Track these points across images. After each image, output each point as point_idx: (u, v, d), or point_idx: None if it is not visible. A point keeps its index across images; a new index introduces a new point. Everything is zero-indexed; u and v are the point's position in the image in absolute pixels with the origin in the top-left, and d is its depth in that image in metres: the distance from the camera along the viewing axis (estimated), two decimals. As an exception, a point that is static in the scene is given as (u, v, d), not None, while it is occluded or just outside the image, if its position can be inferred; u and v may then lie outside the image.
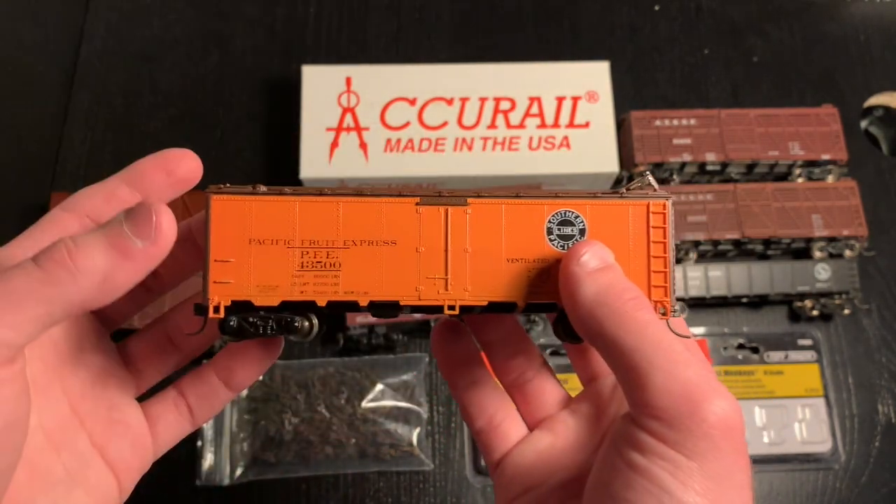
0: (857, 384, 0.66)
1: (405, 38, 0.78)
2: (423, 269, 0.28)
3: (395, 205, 0.28)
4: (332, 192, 0.28)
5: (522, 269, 0.28)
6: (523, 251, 0.28)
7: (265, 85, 0.76)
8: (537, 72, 0.70)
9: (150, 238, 0.26)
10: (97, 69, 0.76)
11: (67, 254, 0.25)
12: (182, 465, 0.62)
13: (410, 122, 0.68)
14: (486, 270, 0.28)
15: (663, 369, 0.24)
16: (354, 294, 0.28)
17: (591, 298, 0.26)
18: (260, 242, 0.28)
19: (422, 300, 0.28)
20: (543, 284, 0.28)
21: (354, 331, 0.63)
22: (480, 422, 0.34)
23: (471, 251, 0.28)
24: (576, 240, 0.28)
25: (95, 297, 0.25)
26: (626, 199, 0.28)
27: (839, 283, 0.66)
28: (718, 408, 0.24)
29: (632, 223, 0.28)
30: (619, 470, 0.25)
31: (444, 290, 0.28)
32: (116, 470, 0.30)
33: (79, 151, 0.72)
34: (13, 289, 0.24)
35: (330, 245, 0.28)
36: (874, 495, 0.63)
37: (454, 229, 0.28)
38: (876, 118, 0.78)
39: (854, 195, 0.68)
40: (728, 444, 0.24)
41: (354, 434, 0.62)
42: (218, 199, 0.28)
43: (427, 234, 0.28)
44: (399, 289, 0.28)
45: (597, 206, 0.28)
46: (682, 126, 0.70)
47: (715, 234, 0.67)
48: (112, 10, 0.78)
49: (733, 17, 0.80)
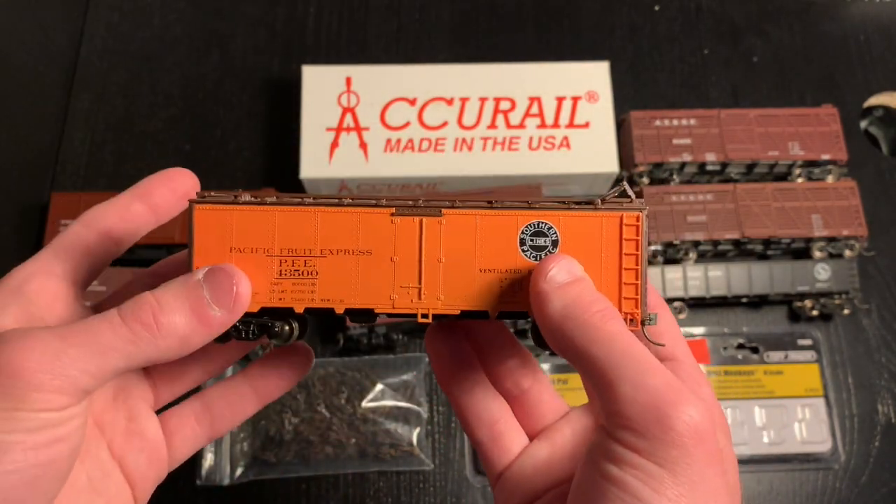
0: (856, 384, 0.66)
1: (405, 38, 0.78)
2: (397, 278, 0.29)
3: (370, 215, 0.29)
4: (311, 203, 0.29)
5: (495, 279, 0.29)
6: (496, 262, 0.29)
7: (265, 85, 0.76)
8: (537, 72, 0.70)
9: (229, 307, 0.27)
10: (97, 69, 0.76)
11: (153, 315, 0.26)
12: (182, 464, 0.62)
13: (410, 122, 0.68)
14: (459, 280, 0.29)
15: (630, 379, 0.24)
16: (331, 301, 0.29)
17: (560, 312, 0.26)
18: (240, 251, 0.29)
19: (396, 308, 0.29)
20: (516, 294, 0.29)
21: (354, 331, 0.63)
22: (480, 433, 0.34)
23: (444, 261, 0.29)
24: (548, 251, 0.29)
25: (171, 356, 0.27)
26: (600, 210, 0.29)
27: (839, 283, 0.66)
28: (686, 415, 0.24)
29: (604, 235, 0.29)
30: (594, 481, 0.25)
31: (418, 298, 0.29)
32: (133, 481, 0.31)
33: (79, 151, 0.72)
34: (99, 339, 0.25)
35: (307, 254, 0.29)
36: (874, 495, 0.63)
37: (428, 239, 0.29)
38: (876, 118, 0.78)
39: (854, 195, 0.69)
40: (699, 451, 0.24)
41: (354, 434, 0.62)
42: (200, 209, 0.29)
43: (401, 244, 0.29)
44: (373, 297, 0.29)
45: (570, 217, 0.29)
46: (681, 126, 0.70)
47: (715, 234, 0.67)
48: (112, 10, 0.78)
49: (733, 17, 0.80)
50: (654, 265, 0.67)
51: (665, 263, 0.67)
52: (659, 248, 0.67)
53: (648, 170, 0.70)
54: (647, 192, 0.68)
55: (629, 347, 0.25)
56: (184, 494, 0.61)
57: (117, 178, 0.71)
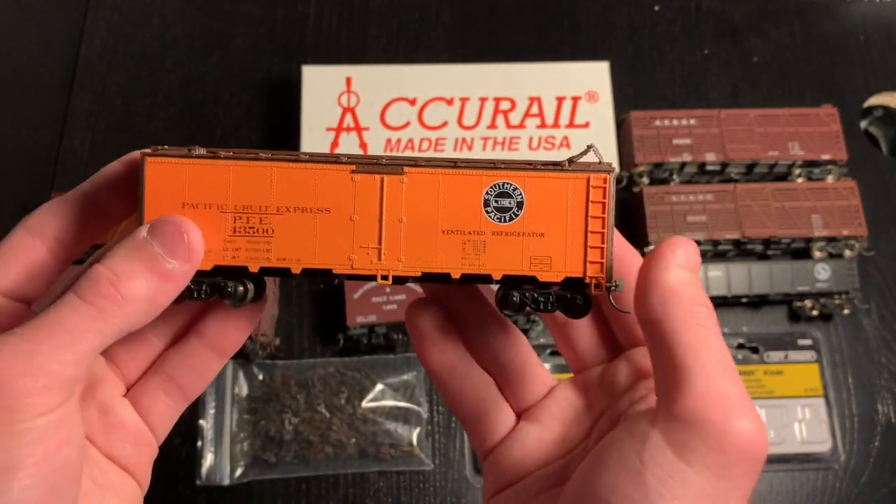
0: (856, 384, 0.66)
1: (405, 38, 0.78)
2: (356, 238, 0.28)
3: (330, 172, 0.28)
4: (268, 158, 0.28)
5: (458, 241, 0.28)
6: (460, 222, 0.28)
7: (265, 85, 0.76)
8: (537, 72, 0.70)
9: (184, 256, 0.27)
10: (97, 69, 0.76)
11: (111, 285, 0.25)
12: (182, 464, 0.62)
13: (410, 122, 0.68)
14: (421, 241, 0.28)
15: (708, 376, 0.24)
16: (287, 261, 0.28)
17: (672, 286, 0.26)
18: (193, 206, 0.28)
19: (354, 269, 0.28)
20: (479, 257, 0.28)
21: (354, 331, 0.63)
22: (465, 411, 0.33)
23: (406, 221, 0.28)
24: (513, 213, 0.28)
25: (142, 320, 0.26)
26: (567, 172, 0.28)
27: (839, 283, 0.66)
28: (745, 428, 0.24)
29: (571, 197, 0.28)
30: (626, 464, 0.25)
31: (378, 259, 0.28)
32: (129, 468, 0.31)
33: (79, 151, 0.72)
34: (67, 325, 0.25)
35: (263, 211, 0.28)
36: (874, 495, 0.63)
37: (389, 199, 0.28)
38: (876, 118, 0.78)
39: (854, 195, 0.69)
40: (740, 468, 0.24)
41: (354, 434, 0.62)
42: (152, 162, 0.28)
43: (361, 203, 0.28)
44: (332, 257, 0.28)
45: (536, 178, 0.28)
46: (681, 126, 0.70)
47: (715, 235, 0.67)
48: (112, 10, 0.78)
49: (733, 17, 0.80)
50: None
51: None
52: (659, 248, 0.67)
53: (648, 170, 0.70)
54: (647, 192, 0.68)
55: (718, 347, 0.25)
56: (184, 494, 0.61)
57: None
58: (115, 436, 0.30)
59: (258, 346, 0.63)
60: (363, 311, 0.63)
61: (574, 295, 0.28)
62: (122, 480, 0.30)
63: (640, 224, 0.68)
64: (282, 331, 0.66)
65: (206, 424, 0.62)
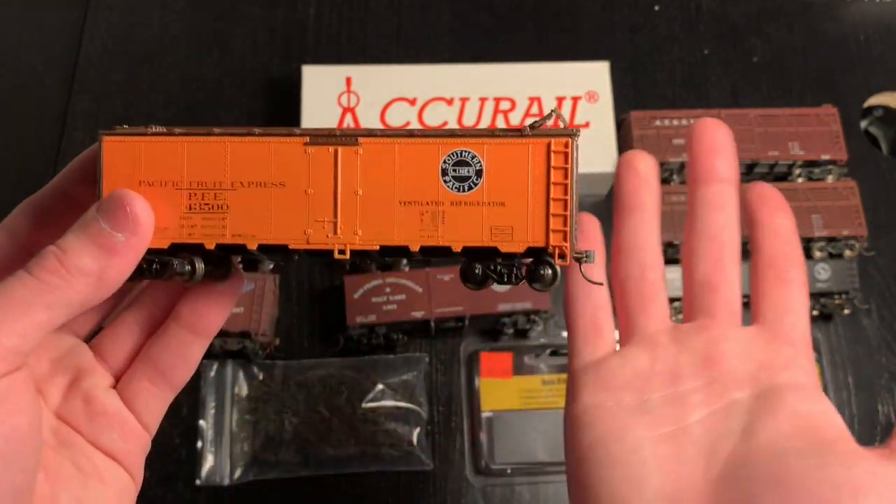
0: (856, 384, 0.66)
1: (405, 38, 0.78)
2: (311, 212, 0.28)
3: (283, 144, 0.28)
4: (221, 132, 0.28)
5: (416, 212, 0.27)
6: (417, 193, 0.27)
7: (265, 85, 0.76)
8: (537, 72, 0.70)
9: (130, 229, 0.26)
10: (97, 69, 0.76)
11: (58, 261, 0.26)
12: (182, 465, 0.62)
13: (410, 123, 0.68)
14: (377, 213, 0.27)
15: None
16: (242, 237, 0.28)
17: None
18: (149, 184, 0.28)
19: (310, 244, 0.28)
20: (437, 228, 0.27)
21: (354, 331, 0.63)
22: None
23: (362, 193, 0.27)
24: (472, 182, 0.27)
25: (94, 295, 0.26)
26: (527, 137, 0.27)
27: (839, 284, 0.66)
28: None
29: (532, 163, 0.27)
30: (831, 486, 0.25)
31: (333, 233, 0.27)
32: (118, 459, 0.31)
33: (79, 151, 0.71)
34: (14, 298, 0.25)
35: (217, 187, 0.28)
36: (874, 495, 0.63)
37: (344, 170, 0.27)
38: (876, 118, 0.78)
39: (854, 195, 0.69)
40: None
41: (354, 434, 0.62)
42: (109, 141, 0.28)
43: (316, 176, 0.27)
44: (287, 232, 0.28)
45: (495, 144, 0.27)
46: (682, 126, 0.70)
47: (715, 234, 0.67)
48: (112, 10, 0.78)
49: (733, 17, 0.80)
50: (654, 265, 0.67)
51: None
52: (659, 248, 0.67)
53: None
54: (647, 192, 0.68)
55: None
56: (184, 494, 0.61)
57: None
58: (99, 424, 0.30)
59: (258, 346, 0.63)
60: (363, 311, 0.63)
61: (541, 265, 0.27)
62: (110, 469, 0.30)
63: (640, 224, 0.68)
64: (282, 331, 0.66)
65: (206, 424, 0.62)
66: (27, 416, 0.25)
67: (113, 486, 0.30)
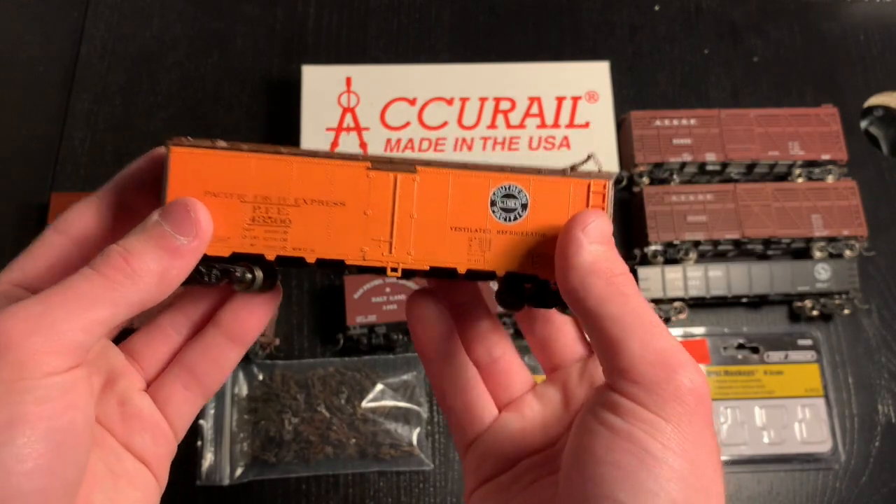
0: (856, 384, 0.66)
1: (405, 38, 0.78)
2: (369, 231, 0.29)
3: (346, 168, 0.29)
4: (287, 152, 0.29)
5: (465, 238, 0.29)
6: (467, 220, 0.29)
7: (265, 85, 0.76)
8: (537, 72, 0.70)
9: (193, 234, 0.28)
10: (97, 69, 0.76)
11: (123, 260, 0.27)
12: (182, 464, 0.62)
13: (410, 123, 0.68)
14: (430, 236, 0.29)
15: (640, 338, 0.26)
16: (302, 251, 0.29)
17: (587, 266, 0.27)
18: (214, 195, 0.29)
19: (366, 261, 0.29)
20: (485, 253, 0.29)
21: (354, 331, 0.63)
22: (454, 400, 0.34)
23: (416, 217, 0.29)
24: (518, 213, 0.29)
25: (154, 295, 0.27)
26: (569, 176, 0.29)
27: (839, 283, 0.66)
28: (689, 377, 0.25)
29: (572, 200, 0.29)
30: (599, 434, 0.26)
31: (388, 252, 0.29)
32: (147, 462, 0.31)
33: (79, 151, 0.72)
34: (80, 294, 0.26)
35: (281, 202, 0.29)
36: (874, 495, 0.63)
37: (402, 195, 0.29)
38: (876, 118, 0.78)
39: (854, 195, 0.69)
40: (700, 409, 0.25)
41: (354, 434, 0.62)
42: (177, 151, 0.29)
43: (375, 198, 0.29)
44: (345, 249, 0.29)
45: (540, 181, 0.29)
46: (681, 126, 0.70)
47: (715, 234, 0.67)
48: (112, 10, 0.78)
49: (733, 17, 0.80)
50: (654, 265, 0.67)
51: (665, 263, 0.67)
52: (659, 248, 0.67)
53: (648, 170, 0.70)
54: (647, 192, 0.68)
55: (642, 310, 0.27)
56: (184, 494, 0.61)
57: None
58: (133, 426, 0.31)
59: (258, 345, 0.63)
60: (363, 311, 0.63)
61: None
62: (139, 472, 0.31)
63: (640, 224, 0.68)
64: (282, 331, 0.66)
65: (206, 424, 0.62)
66: (84, 413, 0.26)
67: (141, 489, 0.31)
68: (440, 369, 0.34)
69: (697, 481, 0.25)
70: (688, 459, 0.25)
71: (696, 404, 0.25)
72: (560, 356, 0.35)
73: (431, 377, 0.35)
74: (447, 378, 0.34)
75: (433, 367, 0.34)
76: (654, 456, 0.24)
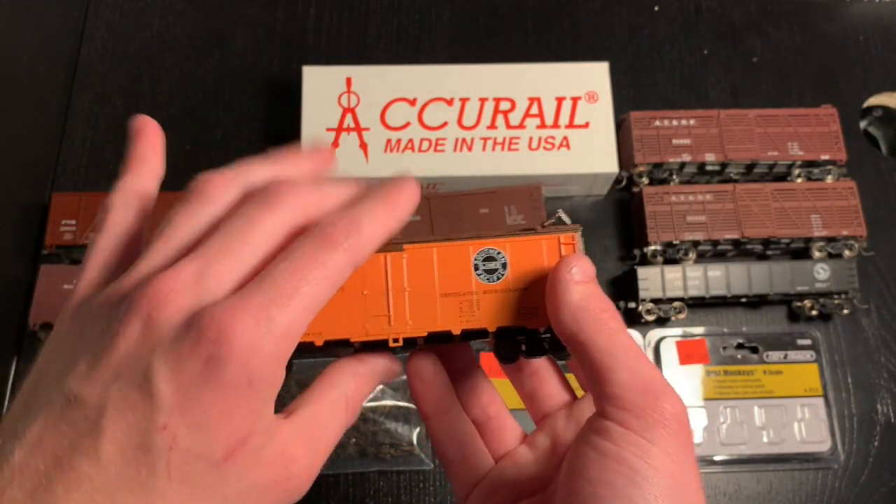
0: (856, 384, 0.67)
1: (405, 38, 0.78)
2: (368, 309, 0.32)
3: None
4: None
5: (455, 302, 0.32)
6: (455, 286, 0.32)
7: (265, 85, 0.76)
8: (537, 72, 0.70)
9: None
10: (98, 69, 0.76)
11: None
12: (182, 464, 0.62)
13: (410, 123, 0.68)
14: (423, 305, 0.32)
15: (628, 368, 0.28)
16: (311, 335, 0.32)
17: (577, 303, 0.30)
18: None
19: (369, 336, 0.32)
20: (474, 313, 0.32)
21: (354, 331, 0.63)
22: (453, 452, 0.37)
23: (409, 290, 0.32)
24: (499, 273, 0.32)
25: None
26: (540, 234, 0.33)
27: (838, 283, 0.66)
28: (671, 404, 0.28)
29: (546, 253, 0.33)
30: (591, 458, 0.28)
31: (388, 325, 0.32)
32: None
33: (79, 151, 0.72)
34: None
35: None
36: (873, 495, 0.63)
37: (393, 272, 0.32)
38: (875, 118, 0.78)
39: (853, 195, 0.69)
40: (682, 432, 0.28)
41: (354, 433, 0.62)
42: None
43: (370, 279, 0.32)
44: (349, 328, 0.32)
45: (515, 242, 0.33)
46: (681, 126, 0.70)
47: (714, 234, 0.67)
48: (112, 10, 0.78)
49: (733, 18, 0.80)
50: (653, 265, 0.67)
51: (664, 263, 0.67)
52: (658, 248, 0.67)
53: (648, 170, 0.70)
54: (646, 192, 0.68)
55: (627, 342, 0.29)
56: (184, 494, 0.61)
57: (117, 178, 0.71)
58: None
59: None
60: (363, 311, 0.63)
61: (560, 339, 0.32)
62: None
63: (640, 224, 0.69)
64: (282, 331, 0.66)
65: (207, 424, 0.62)
66: None
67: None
68: (438, 423, 0.37)
69: (682, 497, 0.27)
70: (673, 478, 0.27)
71: (678, 428, 0.28)
72: (548, 404, 0.37)
73: (431, 431, 0.37)
74: (446, 432, 0.37)
75: (432, 422, 0.37)
76: (643, 475, 0.27)
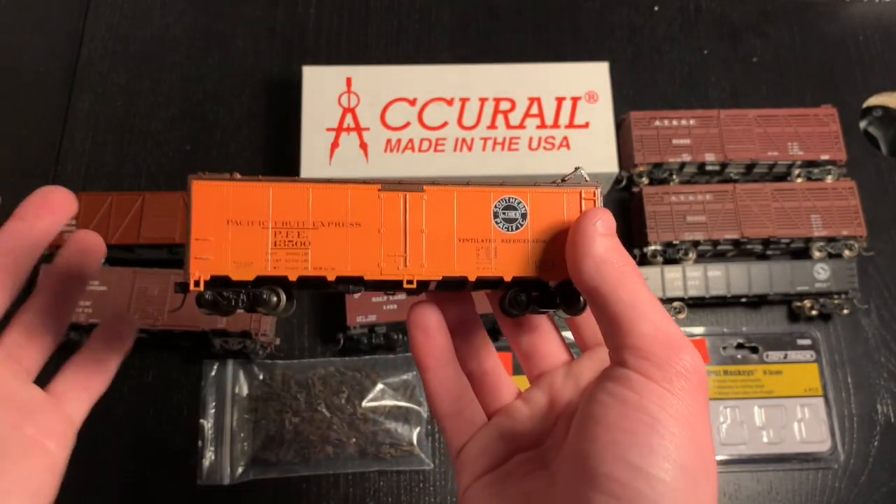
0: (855, 384, 0.67)
1: (405, 38, 0.78)
2: (384, 247, 0.31)
3: (359, 190, 0.32)
4: (303, 179, 0.32)
5: (472, 248, 0.32)
6: (473, 232, 0.32)
7: (265, 85, 0.76)
8: (537, 72, 0.70)
9: None
10: (98, 69, 0.76)
11: None
12: (183, 464, 0.62)
13: (410, 123, 0.68)
14: (440, 249, 0.32)
15: (652, 321, 0.28)
16: (322, 270, 0.31)
17: (601, 255, 0.30)
18: (237, 223, 0.31)
19: (383, 275, 0.31)
20: (491, 261, 0.32)
21: (354, 331, 0.63)
22: (447, 407, 0.36)
23: (426, 232, 0.32)
24: (518, 223, 0.32)
25: None
26: (562, 187, 0.32)
27: (838, 283, 0.67)
28: (692, 359, 0.28)
29: (567, 207, 0.32)
30: (610, 405, 0.28)
31: (403, 266, 0.32)
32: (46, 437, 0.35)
33: (79, 151, 0.72)
34: None
35: (300, 226, 0.31)
36: (873, 495, 0.63)
37: (412, 213, 0.32)
38: (875, 118, 0.78)
39: (853, 195, 0.69)
40: (701, 388, 0.28)
41: (354, 433, 0.62)
42: (199, 183, 0.31)
43: (388, 217, 0.32)
44: (363, 265, 0.31)
45: (537, 192, 0.32)
46: (681, 126, 0.70)
47: (714, 234, 0.67)
48: (112, 10, 0.78)
49: (733, 18, 0.80)
50: (653, 265, 0.67)
51: (665, 263, 0.67)
52: (659, 248, 0.67)
53: (648, 170, 0.70)
54: (646, 192, 0.68)
55: (649, 295, 0.29)
56: (184, 494, 0.61)
57: (117, 178, 0.71)
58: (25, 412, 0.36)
59: (258, 345, 0.63)
60: (363, 310, 0.63)
61: (574, 294, 0.32)
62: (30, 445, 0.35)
63: (639, 224, 0.69)
64: (282, 331, 0.67)
65: (207, 424, 0.62)
66: None
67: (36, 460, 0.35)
68: (436, 376, 0.36)
69: (698, 448, 0.27)
70: (691, 429, 0.27)
71: (697, 382, 0.28)
72: (545, 362, 0.37)
73: (427, 383, 0.36)
74: (443, 385, 0.36)
75: (429, 374, 0.36)
76: (663, 424, 0.27)
